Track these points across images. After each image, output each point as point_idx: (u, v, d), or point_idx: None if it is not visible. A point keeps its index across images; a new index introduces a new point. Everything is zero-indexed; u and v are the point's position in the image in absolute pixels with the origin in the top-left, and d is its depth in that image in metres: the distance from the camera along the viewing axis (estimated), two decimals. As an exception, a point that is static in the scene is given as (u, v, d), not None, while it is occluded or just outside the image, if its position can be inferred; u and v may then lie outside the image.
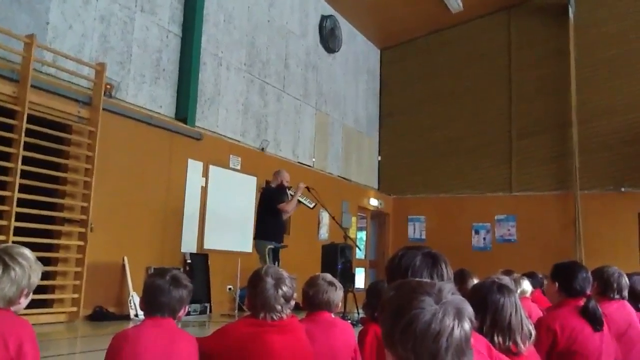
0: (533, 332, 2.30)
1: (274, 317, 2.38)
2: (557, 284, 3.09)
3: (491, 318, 2.24)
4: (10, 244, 2.16)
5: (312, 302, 2.85)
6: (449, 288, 1.28)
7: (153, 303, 2.30)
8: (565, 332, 2.80)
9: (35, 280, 2.06)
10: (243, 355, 2.26)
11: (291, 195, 7.75)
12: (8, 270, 1.98)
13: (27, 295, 2.05)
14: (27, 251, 2.09)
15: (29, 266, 2.04)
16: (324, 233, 11.74)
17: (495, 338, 2.23)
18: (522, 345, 2.23)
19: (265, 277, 2.43)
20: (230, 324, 2.45)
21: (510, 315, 2.26)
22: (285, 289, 2.43)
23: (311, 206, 7.93)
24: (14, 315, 2.00)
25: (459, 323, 1.22)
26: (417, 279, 1.34)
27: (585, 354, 2.79)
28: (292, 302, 2.48)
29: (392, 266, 1.96)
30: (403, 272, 1.90)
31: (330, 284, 2.88)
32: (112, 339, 2.24)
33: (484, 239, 13.62)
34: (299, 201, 7.74)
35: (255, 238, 7.47)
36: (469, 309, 1.27)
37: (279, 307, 2.40)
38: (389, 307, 1.29)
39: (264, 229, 7.47)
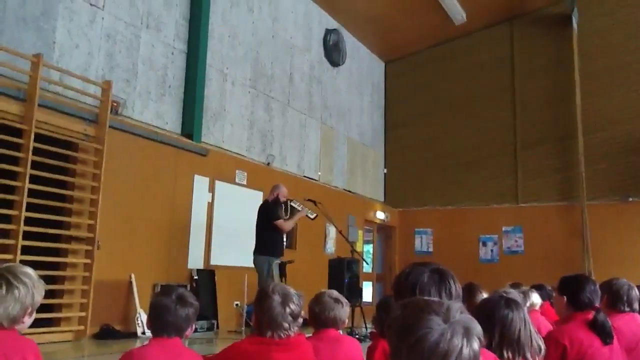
0: (543, 347, 2.27)
1: (281, 335, 2.36)
2: (565, 298, 3.06)
3: (500, 333, 2.22)
4: (13, 263, 2.16)
5: (318, 319, 2.83)
6: (457, 307, 1.27)
7: (159, 322, 2.29)
8: (575, 347, 2.77)
9: (39, 299, 2.06)
10: (250, 374, 2.25)
11: (293, 207, 7.73)
12: (12, 289, 1.98)
13: (30, 314, 2.05)
14: (30, 270, 2.09)
15: (32, 285, 2.04)
16: (330, 247, 11.71)
17: (505, 353, 2.20)
18: (531, 361, 2.21)
19: (272, 294, 2.42)
20: (237, 342, 2.43)
21: (519, 330, 2.23)
22: (292, 306, 2.41)
23: (312, 217, 7.91)
24: (18, 335, 2.00)
25: (468, 342, 1.21)
26: (424, 298, 1.32)
27: (595, 368, 2.75)
28: (300, 320, 2.46)
29: (399, 283, 1.94)
30: (410, 289, 1.89)
31: (336, 300, 2.86)
32: (119, 359, 2.23)
33: (491, 250, 13.55)
34: (301, 215, 7.72)
35: (254, 253, 7.44)
36: (477, 328, 1.26)
37: (286, 325, 2.38)
38: (396, 327, 1.28)
39: (262, 243, 7.44)
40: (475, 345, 1.23)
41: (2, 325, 1.94)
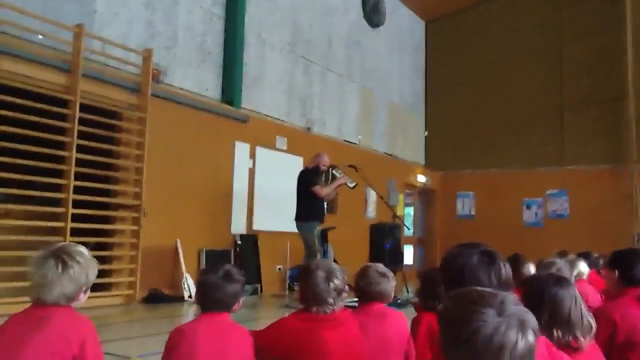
0: (594, 325, 2.22)
1: (327, 311, 2.38)
2: (616, 272, 2.97)
3: (549, 313, 2.17)
4: (66, 242, 2.22)
5: (364, 293, 2.83)
6: (511, 299, 1.25)
7: (208, 299, 2.33)
8: (626, 323, 2.70)
9: (92, 277, 2.11)
10: (297, 350, 2.27)
11: (334, 174, 7.71)
12: (67, 268, 2.03)
13: (85, 291, 2.11)
14: (83, 249, 2.14)
15: (86, 264, 2.09)
16: (371, 212, 11.71)
17: (555, 333, 2.16)
18: (582, 340, 2.16)
19: (316, 270, 2.43)
20: (284, 318, 2.46)
21: (570, 308, 2.19)
22: (336, 282, 2.42)
23: (352, 186, 7.87)
24: (75, 313, 2.07)
25: (523, 335, 1.19)
26: (477, 289, 1.29)
27: (647, 345, 2.68)
28: (344, 294, 2.47)
29: (448, 265, 1.92)
30: (459, 271, 1.86)
31: (382, 274, 2.84)
32: (170, 334, 2.29)
33: (536, 214, 13.33)
34: (339, 182, 7.69)
35: (295, 219, 7.49)
36: (532, 320, 1.23)
37: (330, 300, 2.39)
38: (449, 319, 1.26)
39: (302, 210, 7.48)
40: (531, 338, 1.21)
41: (60, 303, 2.01)
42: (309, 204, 7.47)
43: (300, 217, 7.48)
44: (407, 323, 2.95)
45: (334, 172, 7.85)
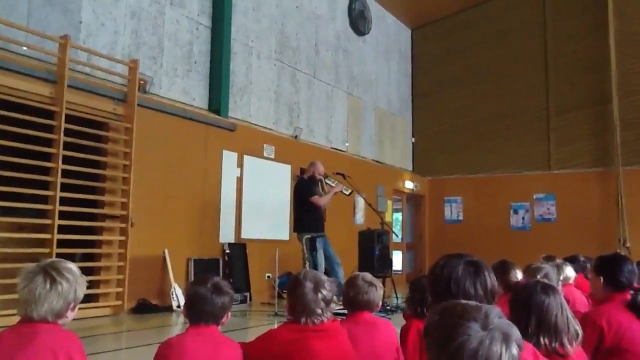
0: (580, 332, 2.25)
1: (315, 321, 2.39)
2: (602, 278, 3.00)
3: (536, 319, 2.21)
4: (55, 258, 2.21)
5: (352, 302, 2.85)
6: (495, 312, 1.27)
7: (196, 312, 2.33)
8: (613, 328, 2.74)
9: (81, 294, 2.11)
10: (286, 361, 2.28)
11: (328, 184, 7.76)
12: (55, 284, 2.03)
13: (73, 308, 2.10)
14: (72, 265, 2.14)
15: (74, 280, 2.09)
16: (359, 218, 11.73)
17: (541, 340, 2.19)
18: (569, 347, 2.19)
19: (304, 281, 2.44)
20: (273, 329, 2.47)
21: (556, 316, 2.22)
22: (324, 292, 2.43)
23: (347, 193, 7.94)
24: (62, 329, 2.06)
25: (507, 349, 1.21)
26: (462, 302, 1.31)
27: (634, 350, 2.71)
28: (333, 305, 2.48)
29: (434, 276, 1.93)
30: (445, 282, 1.88)
31: (370, 284, 2.87)
32: (158, 347, 2.29)
33: (523, 218, 13.41)
34: (335, 190, 7.75)
35: (295, 231, 7.53)
36: (516, 333, 1.25)
37: (319, 311, 2.40)
38: (434, 333, 1.28)
39: (301, 221, 7.51)
40: (515, 350, 1.23)
41: (47, 319, 2.00)
42: (308, 214, 7.51)
43: (299, 228, 7.51)
44: (396, 331, 2.97)
45: (326, 181, 7.88)
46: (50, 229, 6.09)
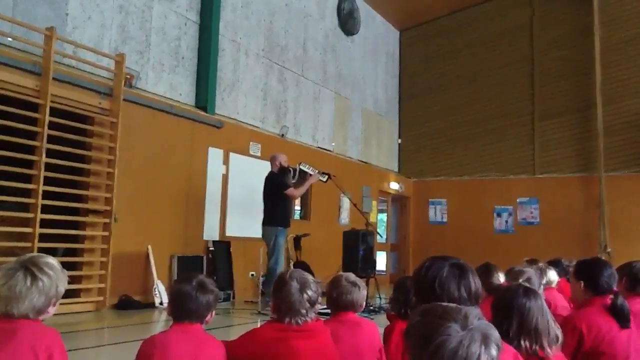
0: (560, 336, 2.27)
1: (299, 322, 2.38)
2: (582, 283, 3.03)
3: (517, 322, 2.22)
4: (35, 253, 2.18)
5: (336, 303, 2.85)
6: (475, 313, 1.28)
7: (181, 310, 2.32)
8: (592, 332, 2.76)
9: (62, 290, 2.08)
10: (269, 360, 2.28)
11: (302, 170, 7.70)
12: (36, 281, 2.00)
13: (54, 304, 2.08)
14: (53, 260, 2.11)
15: (56, 276, 2.06)
16: (344, 218, 11.75)
17: (522, 343, 2.21)
18: (549, 350, 2.21)
19: (290, 281, 2.43)
20: (256, 328, 2.46)
21: (537, 319, 2.23)
22: (310, 292, 2.43)
23: (324, 180, 7.89)
24: (43, 326, 2.03)
25: (486, 349, 1.22)
26: (443, 304, 1.32)
27: (612, 353, 2.75)
28: (317, 306, 2.48)
29: (419, 278, 1.94)
30: (430, 284, 1.89)
31: (354, 284, 2.87)
32: (141, 345, 2.27)
33: (506, 221, 13.52)
34: (312, 181, 7.71)
35: (263, 224, 7.47)
36: (495, 335, 1.27)
37: (303, 311, 2.40)
38: (415, 333, 1.29)
39: (270, 214, 7.46)
40: (494, 351, 1.24)
41: (28, 316, 1.97)
42: (277, 207, 7.46)
43: (267, 222, 7.47)
44: (380, 331, 2.98)
45: (301, 167, 7.81)
46: (33, 223, 6.03)
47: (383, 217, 14.48)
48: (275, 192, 7.45)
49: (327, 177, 7.87)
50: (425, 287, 1.92)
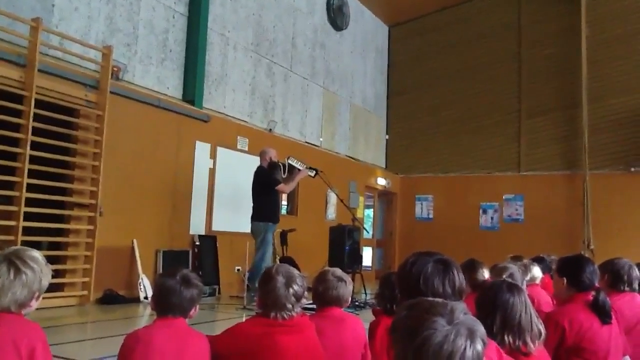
0: (543, 332, 2.30)
1: (285, 316, 2.39)
2: (565, 279, 3.07)
3: (501, 318, 2.24)
4: (20, 247, 2.17)
5: (322, 297, 2.86)
6: (460, 308, 1.29)
7: (164, 304, 2.31)
8: (574, 328, 2.80)
9: (46, 284, 2.07)
10: (254, 355, 2.28)
11: (291, 165, 7.70)
12: (19, 274, 1.99)
13: (37, 298, 2.07)
14: (37, 254, 2.10)
15: (40, 270, 2.05)
16: (331, 213, 11.76)
17: (506, 338, 2.23)
18: (531, 345, 2.23)
19: (276, 275, 2.44)
20: (241, 323, 2.46)
21: (520, 314, 2.26)
22: (296, 287, 2.44)
23: (312, 175, 7.89)
24: (25, 320, 2.02)
25: (471, 344, 1.23)
26: (429, 299, 1.33)
27: (593, 349, 2.79)
28: (303, 301, 2.49)
29: (404, 273, 1.95)
30: (414, 279, 1.90)
31: (340, 279, 2.88)
32: (124, 339, 2.26)
33: (492, 218, 13.61)
34: (301, 176, 7.71)
35: (251, 220, 7.45)
36: (481, 329, 1.28)
37: (289, 306, 2.40)
38: (401, 328, 1.29)
39: (259, 210, 7.43)
40: (479, 346, 1.25)
41: (10, 309, 1.96)
42: (266, 203, 7.43)
43: (256, 217, 7.45)
44: (365, 327, 2.99)
45: (289, 162, 7.80)
46: (16, 216, 5.96)
47: (370, 212, 14.52)
48: (266, 187, 7.43)
49: (315, 172, 7.88)
50: (410, 283, 1.93)
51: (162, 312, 2.32)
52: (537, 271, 4.86)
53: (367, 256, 13.41)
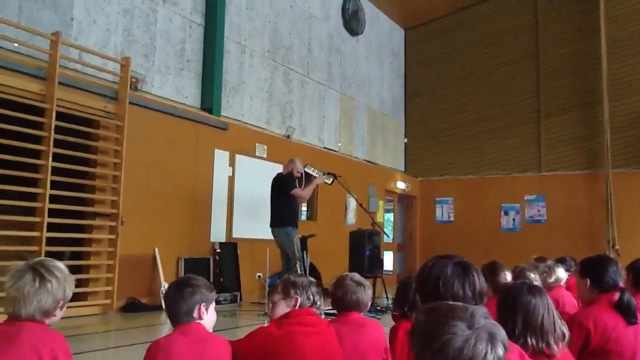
0: (567, 333, 2.26)
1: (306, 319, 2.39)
2: (588, 280, 3.01)
3: (523, 320, 2.21)
4: (44, 257, 2.20)
5: (341, 302, 2.85)
6: (481, 312, 1.26)
7: (170, 314, 2.35)
8: (599, 329, 2.75)
9: (69, 293, 2.10)
10: (274, 356, 2.28)
11: (308, 173, 7.73)
12: (44, 282, 2.02)
13: (62, 307, 2.09)
14: (61, 264, 2.13)
15: (64, 279, 2.08)
16: (351, 218, 11.74)
17: (529, 340, 2.19)
18: (555, 347, 2.20)
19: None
20: (263, 326, 2.47)
21: (543, 316, 2.22)
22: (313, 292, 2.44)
23: (329, 182, 7.92)
24: (47, 328, 2.04)
25: (492, 349, 1.21)
26: (449, 303, 1.31)
27: (619, 350, 2.73)
28: (322, 307, 2.49)
29: (423, 276, 1.93)
30: (434, 283, 1.88)
31: (359, 284, 2.86)
32: (147, 349, 2.27)
33: (514, 219, 13.46)
34: (318, 182, 7.76)
35: (271, 226, 7.48)
36: (502, 334, 1.25)
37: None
38: (420, 332, 1.27)
39: (278, 215, 7.47)
40: (500, 351, 1.22)
41: (35, 318, 1.98)
42: (285, 209, 7.47)
43: (276, 223, 7.48)
44: (385, 331, 2.97)
45: (306, 170, 7.84)
46: (39, 227, 6.05)
47: (390, 216, 14.46)
48: (282, 192, 7.47)
49: (332, 178, 7.89)
50: (429, 287, 1.91)
51: (173, 321, 2.35)
52: (561, 272, 4.78)
53: (388, 260, 13.35)
